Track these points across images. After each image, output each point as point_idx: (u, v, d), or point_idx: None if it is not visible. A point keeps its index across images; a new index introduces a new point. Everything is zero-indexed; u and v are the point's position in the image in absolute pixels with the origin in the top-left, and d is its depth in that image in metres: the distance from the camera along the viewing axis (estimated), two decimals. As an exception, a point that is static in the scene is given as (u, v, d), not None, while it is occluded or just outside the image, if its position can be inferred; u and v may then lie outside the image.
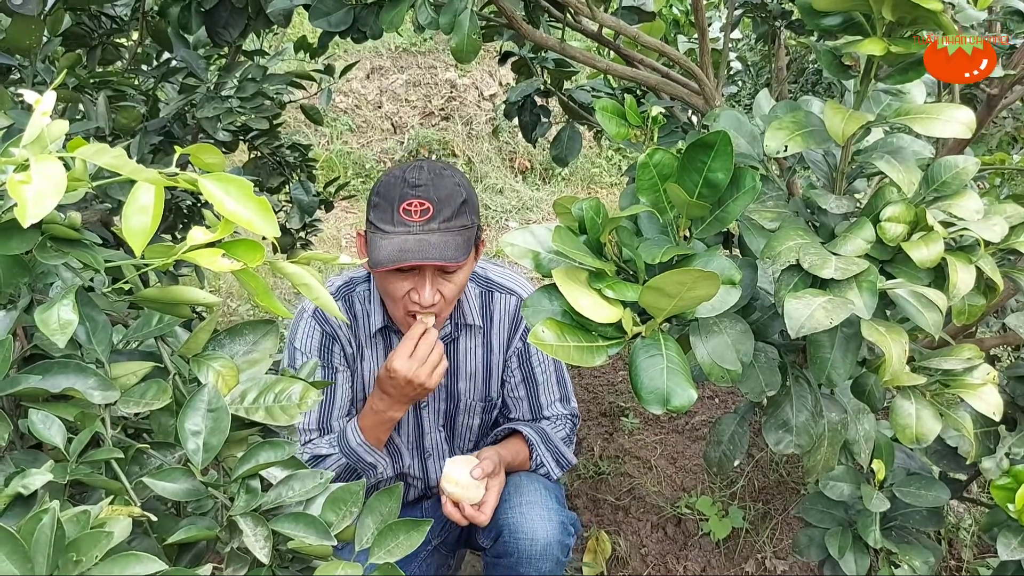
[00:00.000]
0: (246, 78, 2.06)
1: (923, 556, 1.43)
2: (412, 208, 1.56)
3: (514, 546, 1.69)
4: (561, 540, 1.70)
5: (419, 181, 1.58)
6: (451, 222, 1.57)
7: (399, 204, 1.56)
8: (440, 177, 1.60)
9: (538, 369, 1.84)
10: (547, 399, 1.86)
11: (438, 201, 1.56)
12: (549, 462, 1.79)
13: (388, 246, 1.53)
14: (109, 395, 0.78)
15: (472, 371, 1.83)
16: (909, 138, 1.15)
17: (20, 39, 1.51)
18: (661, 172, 1.02)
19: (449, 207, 1.57)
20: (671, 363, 0.95)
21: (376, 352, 1.79)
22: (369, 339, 1.77)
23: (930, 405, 1.12)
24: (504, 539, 1.70)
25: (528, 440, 1.77)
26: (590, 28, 1.81)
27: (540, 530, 1.68)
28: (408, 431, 1.85)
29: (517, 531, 1.68)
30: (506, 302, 1.81)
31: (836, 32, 1.07)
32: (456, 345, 1.80)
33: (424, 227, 1.55)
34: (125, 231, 0.65)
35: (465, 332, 1.80)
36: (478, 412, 1.87)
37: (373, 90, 6.17)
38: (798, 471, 2.71)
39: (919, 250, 1.01)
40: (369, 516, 0.87)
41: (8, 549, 0.61)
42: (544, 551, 1.68)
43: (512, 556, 1.69)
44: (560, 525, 1.71)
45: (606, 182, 5.88)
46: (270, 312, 0.80)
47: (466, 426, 1.89)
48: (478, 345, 1.81)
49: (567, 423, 1.87)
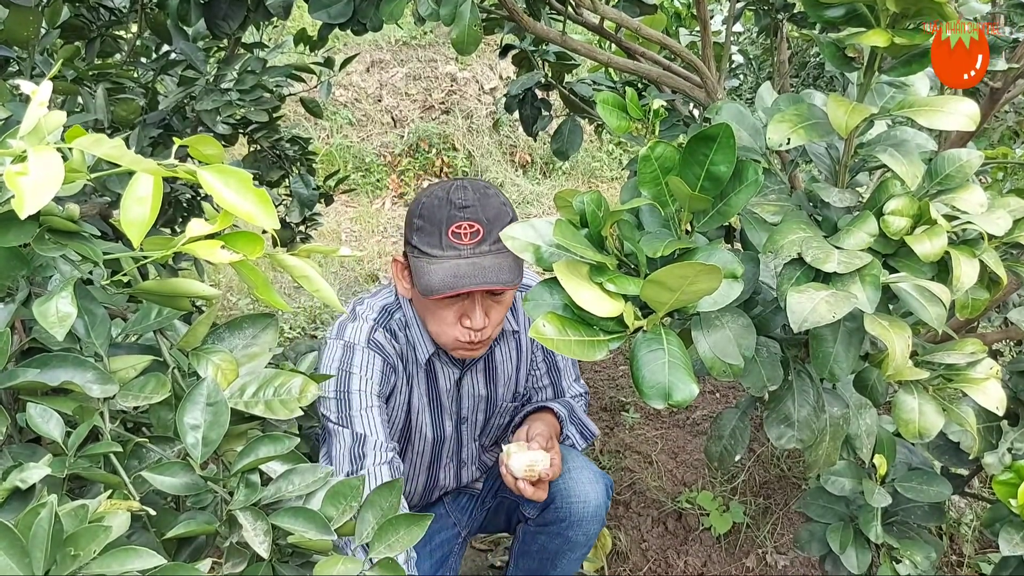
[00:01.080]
0: (245, 70, 2.05)
1: (924, 551, 1.42)
2: (462, 231, 1.49)
3: (566, 511, 1.74)
4: (606, 503, 1.78)
5: (466, 202, 1.51)
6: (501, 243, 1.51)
7: (448, 227, 1.49)
8: (486, 197, 1.53)
9: (559, 355, 1.85)
10: (567, 382, 1.89)
11: (488, 222, 1.50)
12: (575, 435, 1.83)
13: (440, 272, 1.47)
14: (108, 389, 0.77)
15: (509, 375, 1.82)
16: (912, 131, 1.15)
17: (18, 31, 1.50)
18: (663, 165, 1.02)
19: (499, 227, 1.45)
20: (673, 357, 0.95)
21: (421, 381, 1.72)
22: (418, 368, 1.70)
23: (933, 400, 1.12)
24: (556, 505, 1.75)
25: (558, 415, 1.79)
26: (591, 21, 1.81)
27: (592, 492, 1.74)
28: (450, 447, 1.83)
29: (570, 495, 1.74)
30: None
31: (839, 24, 1.06)
32: (493, 356, 1.77)
33: (475, 250, 1.49)
34: (123, 222, 0.64)
35: (501, 339, 1.78)
36: (509, 411, 1.87)
37: (373, 83, 6.16)
38: (799, 466, 2.71)
39: (922, 244, 1.00)
40: (369, 511, 0.86)
41: (6, 543, 0.60)
42: (595, 513, 1.75)
43: (564, 521, 1.75)
44: (606, 488, 1.79)
45: (607, 176, 5.88)
46: (269, 306, 0.79)
47: (496, 426, 1.88)
48: (512, 349, 1.80)
49: (582, 399, 1.92)
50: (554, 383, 1.88)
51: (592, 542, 1.83)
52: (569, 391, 1.89)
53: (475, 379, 1.78)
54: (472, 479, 1.94)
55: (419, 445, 1.78)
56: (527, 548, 1.85)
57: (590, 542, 1.82)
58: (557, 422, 1.79)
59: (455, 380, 1.75)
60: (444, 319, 1.56)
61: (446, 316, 1.55)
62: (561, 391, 1.89)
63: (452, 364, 1.73)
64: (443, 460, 1.85)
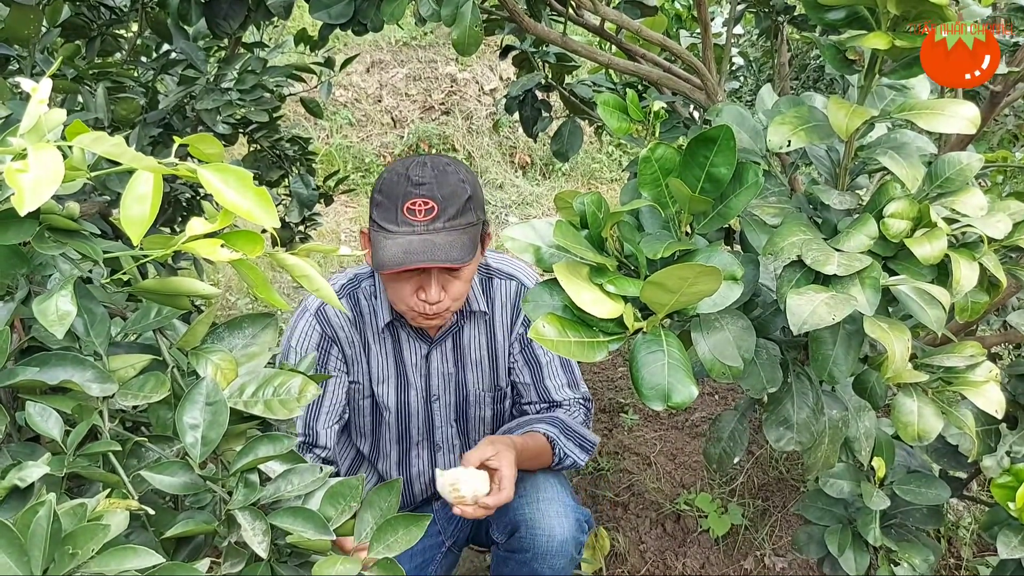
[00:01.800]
0: (246, 70, 2.05)
1: (923, 554, 1.42)
2: (416, 207, 1.52)
3: (531, 542, 1.67)
4: (576, 537, 1.69)
5: (423, 179, 1.54)
6: (456, 220, 1.54)
7: (403, 203, 1.53)
8: (444, 174, 1.56)
9: (540, 351, 1.81)
10: (553, 383, 1.83)
11: (442, 199, 1.53)
12: (574, 451, 1.76)
13: (392, 247, 1.50)
14: (107, 388, 0.77)
15: (478, 359, 1.81)
16: (912, 134, 1.15)
17: (18, 29, 1.50)
18: (663, 167, 1.02)
19: (454, 205, 1.53)
20: (672, 359, 0.95)
21: (383, 347, 1.76)
22: (376, 335, 1.75)
23: (932, 403, 1.12)
24: (520, 534, 1.68)
25: (548, 436, 1.73)
26: (592, 22, 1.81)
27: (558, 527, 1.67)
28: (418, 426, 1.84)
29: (535, 527, 1.67)
30: (506, 287, 1.80)
31: (840, 26, 1.06)
32: (461, 334, 1.79)
33: (429, 227, 1.52)
34: (123, 220, 0.64)
35: (470, 320, 1.79)
36: (488, 403, 1.85)
37: (373, 84, 6.16)
38: (798, 468, 2.71)
39: (922, 247, 1.01)
40: (368, 511, 0.86)
41: (4, 542, 0.60)
42: (561, 548, 1.67)
43: (528, 552, 1.68)
44: (576, 522, 1.70)
45: (606, 177, 5.88)
46: (269, 305, 0.79)
47: (479, 418, 1.87)
48: (482, 332, 1.80)
49: (580, 408, 1.84)
50: (535, 381, 1.83)
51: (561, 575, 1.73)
52: (556, 393, 1.84)
53: (444, 356, 1.79)
54: None
55: (385, 416, 1.81)
56: (499, 571, 1.81)
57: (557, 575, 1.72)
58: (548, 443, 1.74)
59: (423, 355, 1.78)
60: (400, 291, 1.60)
61: (403, 288, 1.59)
62: (544, 390, 1.83)
63: (419, 339, 1.76)
64: (413, 438, 1.84)
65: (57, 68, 0.79)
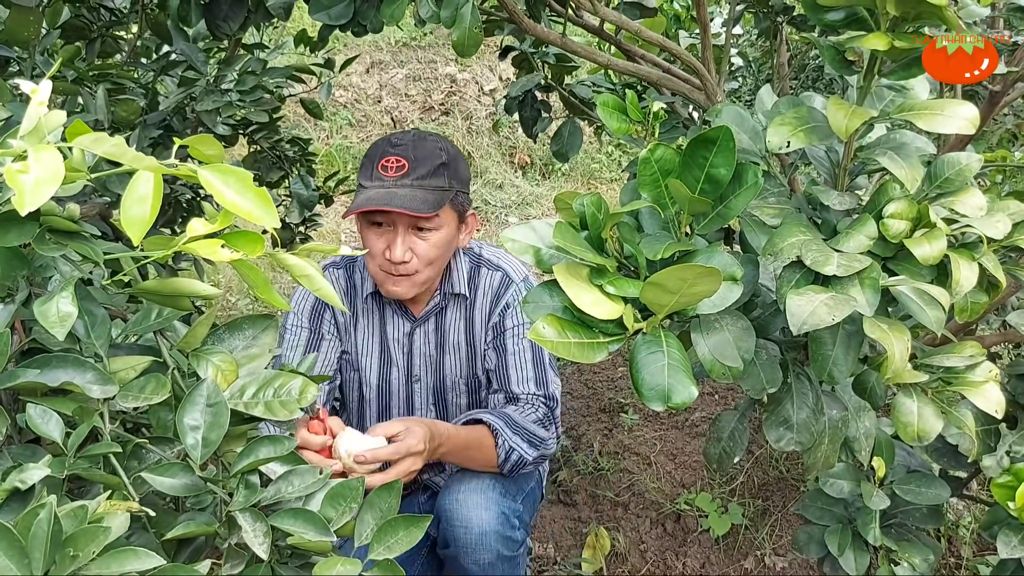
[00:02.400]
0: (246, 71, 2.05)
1: (923, 554, 1.42)
2: (389, 164, 1.63)
3: (451, 534, 1.64)
4: (499, 531, 1.63)
5: (400, 141, 1.66)
6: (425, 180, 1.62)
7: (378, 161, 1.64)
8: (422, 139, 1.67)
9: (510, 343, 1.79)
10: (516, 374, 1.78)
11: (414, 160, 1.63)
12: (520, 445, 1.69)
13: (360, 198, 1.61)
14: (108, 389, 0.77)
15: (456, 343, 1.84)
16: (912, 134, 1.15)
17: (18, 31, 1.50)
18: (663, 168, 1.02)
19: (424, 166, 1.63)
20: (672, 360, 0.95)
21: (370, 318, 1.84)
22: (363, 306, 1.83)
23: (932, 403, 1.12)
24: (443, 527, 1.66)
25: (491, 425, 1.68)
26: (591, 23, 1.81)
27: (475, 518, 1.62)
28: (399, 405, 1.87)
29: (453, 519, 1.64)
30: (491, 277, 1.83)
31: (839, 27, 1.06)
32: (444, 316, 1.83)
33: (397, 182, 1.61)
34: (123, 221, 0.64)
35: (452, 303, 1.83)
36: (463, 391, 1.87)
37: (373, 84, 6.16)
38: (798, 468, 2.71)
39: (922, 247, 1.01)
40: (368, 512, 0.86)
41: (5, 544, 0.60)
42: (479, 540, 1.62)
43: (450, 546, 1.65)
44: (499, 515, 1.64)
45: (606, 178, 5.87)
46: (269, 306, 0.79)
47: (456, 405, 1.89)
48: (462, 317, 1.83)
49: (540, 406, 1.77)
50: (498, 368, 1.80)
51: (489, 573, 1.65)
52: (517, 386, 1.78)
53: (427, 337, 1.84)
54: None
55: (366, 391, 1.86)
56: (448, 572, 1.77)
57: (486, 572, 1.65)
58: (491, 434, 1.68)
59: (406, 332, 1.83)
60: (372, 249, 1.67)
61: (374, 246, 1.66)
62: (506, 379, 1.79)
63: (403, 316, 1.82)
64: (394, 416, 1.86)
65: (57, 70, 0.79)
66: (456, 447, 1.64)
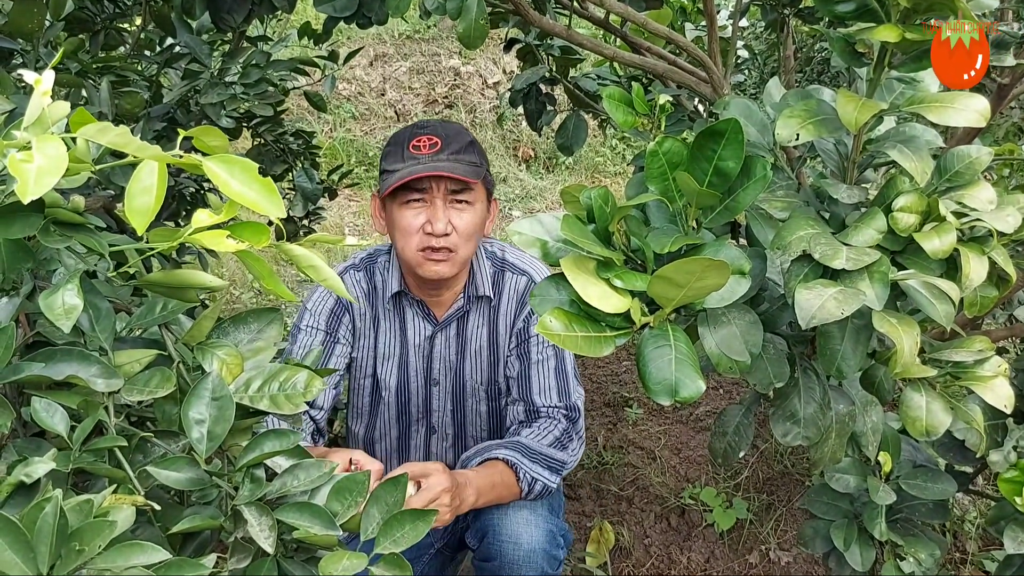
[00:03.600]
0: (250, 64, 2.05)
1: (929, 548, 1.42)
2: (421, 143, 1.62)
3: (497, 548, 1.62)
4: (547, 549, 1.62)
5: (427, 124, 1.67)
6: (460, 155, 1.62)
7: (408, 142, 1.62)
8: (448, 121, 1.71)
9: (534, 351, 1.77)
10: (539, 385, 1.76)
11: (446, 136, 1.63)
12: (542, 474, 1.67)
13: (397, 176, 1.58)
14: (112, 383, 0.77)
15: (477, 349, 1.81)
16: (921, 127, 1.14)
17: (22, 23, 1.49)
18: (670, 160, 1.01)
19: (457, 142, 1.63)
20: (679, 354, 0.94)
21: (391, 321, 1.80)
22: (384, 307, 1.79)
23: (940, 398, 1.11)
24: (488, 541, 1.64)
25: (508, 461, 1.65)
26: (597, 15, 1.80)
27: (524, 534, 1.61)
28: (417, 405, 1.85)
29: (500, 533, 1.62)
30: (516, 281, 1.80)
31: (849, 19, 1.05)
32: (466, 321, 1.80)
33: (433, 157, 1.60)
34: (128, 211, 0.64)
35: (476, 306, 1.80)
36: (483, 398, 1.85)
37: (376, 77, 6.15)
38: (803, 462, 2.70)
39: (931, 241, 1.00)
40: (374, 506, 0.86)
41: (11, 538, 0.60)
42: (527, 557, 1.61)
43: (495, 560, 1.63)
44: (548, 533, 1.64)
45: (610, 171, 5.87)
46: (275, 298, 0.79)
47: (475, 412, 1.87)
48: (485, 323, 1.80)
49: (560, 420, 1.75)
50: (520, 376, 1.78)
51: None
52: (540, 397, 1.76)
53: (447, 342, 1.81)
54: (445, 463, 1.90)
55: (385, 395, 1.83)
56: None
57: None
58: (510, 470, 1.65)
59: (427, 336, 1.80)
60: (408, 228, 1.63)
61: (410, 224, 1.62)
62: (528, 388, 1.77)
63: (424, 318, 1.79)
64: (412, 415, 1.86)
65: (60, 60, 0.78)
66: (483, 488, 1.60)
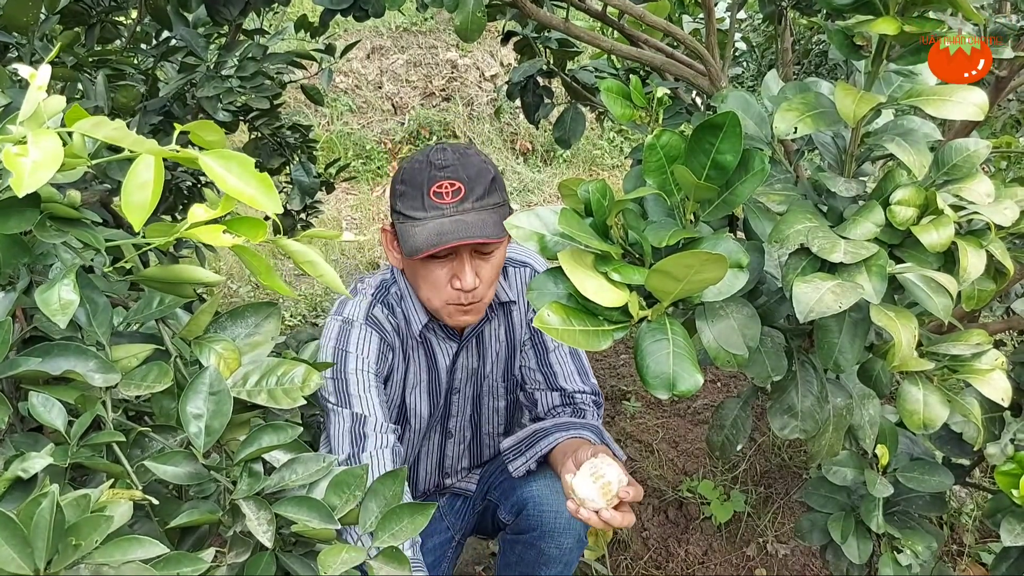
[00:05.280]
0: (246, 57, 2.04)
1: (926, 541, 1.42)
2: (443, 190, 1.50)
3: (538, 519, 1.68)
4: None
5: (446, 162, 1.52)
6: (484, 200, 1.52)
7: (429, 187, 1.50)
8: (466, 156, 1.55)
9: (548, 338, 1.76)
10: (562, 370, 1.78)
11: (468, 180, 1.51)
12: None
13: (424, 232, 1.47)
14: (110, 378, 0.77)
15: (498, 352, 1.79)
16: (919, 120, 1.14)
17: (17, 16, 1.48)
18: (668, 154, 1.01)
19: (480, 185, 1.52)
20: (677, 347, 0.94)
21: (417, 355, 1.72)
22: (413, 342, 1.70)
23: (937, 391, 1.11)
24: (528, 512, 1.69)
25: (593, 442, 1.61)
26: (594, 7, 1.79)
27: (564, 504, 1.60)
28: (438, 416, 1.82)
29: (542, 503, 1.67)
30: (522, 275, 1.77)
31: (847, 11, 1.05)
32: (484, 329, 1.76)
33: (458, 208, 1.49)
34: (125, 206, 0.64)
35: (497, 313, 1.76)
36: (502, 393, 1.84)
37: (374, 70, 6.13)
38: (800, 455, 2.71)
39: (929, 234, 1.00)
40: (373, 500, 0.86)
41: (7, 533, 0.60)
42: (568, 525, 1.67)
43: (535, 530, 1.68)
44: None
45: (608, 164, 5.86)
46: (272, 293, 0.79)
47: (492, 408, 1.86)
48: (501, 325, 1.78)
49: (596, 410, 1.77)
50: (542, 366, 1.78)
51: (569, 558, 1.71)
52: (567, 382, 1.77)
53: (470, 352, 1.77)
54: (459, 465, 1.91)
55: (415, 423, 1.78)
56: (508, 559, 1.78)
57: (565, 558, 1.70)
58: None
59: (452, 354, 1.74)
60: (435, 282, 1.55)
61: (437, 279, 1.54)
62: (552, 375, 1.77)
63: (448, 338, 1.72)
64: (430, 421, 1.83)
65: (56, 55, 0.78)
66: None
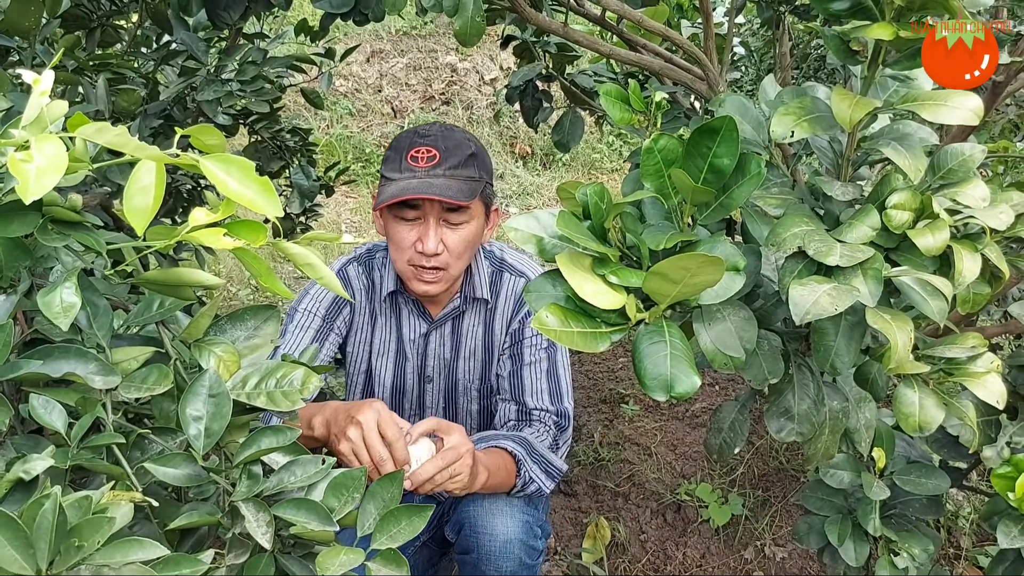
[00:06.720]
0: (246, 61, 2.05)
1: (923, 544, 1.43)
2: (419, 155, 1.59)
3: (474, 541, 1.61)
4: (524, 540, 1.61)
5: (428, 132, 1.62)
6: (457, 170, 1.59)
7: (407, 152, 1.59)
8: (450, 130, 1.64)
9: (527, 352, 1.77)
10: (532, 386, 1.76)
11: (445, 149, 1.59)
12: (539, 476, 1.65)
13: (391, 188, 1.56)
14: (110, 380, 0.77)
15: (472, 349, 1.82)
16: (915, 124, 1.14)
17: (19, 20, 1.49)
18: (666, 157, 1.02)
19: (456, 156, 1.59)
20: (675, 350, 0.95)
21: (387, 318, 1.81)
22: (381, 304, 1.80)
23: (933, 394, 1.12)
24: (465, 533, 1.63)
25: (514, 455, 1.63)
26: (593, 12, 1.80)
27: (500, 526, 1.60)
28: (411, 402, 1.86)
29: (477, 525, 1.61)
30: (513, 283, 1.81)
31: (844, 17, 1.06)
32: (461, 320, 1.81)
33: (429, 172, 1.57)
34: (126, 211, 0.64)
35: (472, 307, 1.80)
36: (475, 397, 1.86)
37: (373, 74, 6.14)
38: (798, 458, 2.71)
39: (925, 238, 1.00)
40: (371, 502, 0.86)
41: (10, 535, 0.60)
42: (504, 548, 1.60)
43: (473, 552, 1.62)
44: (524, 524, 1.63)
45: (607, 168, 5.87)
46: (272, 295, 0.79)
47: (467, 411, 1.88)
48: (480, 323, 1.81)
49: (551, 429, 1.74)
50: (512, 376, 1.77)
51: None
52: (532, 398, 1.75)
53: (442, 340, 1.81)
54: None
55: (379, 391, 1.84)
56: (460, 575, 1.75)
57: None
58: (513, 461, 1.62)
59: (422, 333, 1.80)
60: (400, 242, 1.63)
61: (403, 239, 1.62)
62: (520, 389, 1.76)
63: (420, 316, 1.80)
64: (406, 411, 1.86)
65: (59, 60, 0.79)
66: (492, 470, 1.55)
